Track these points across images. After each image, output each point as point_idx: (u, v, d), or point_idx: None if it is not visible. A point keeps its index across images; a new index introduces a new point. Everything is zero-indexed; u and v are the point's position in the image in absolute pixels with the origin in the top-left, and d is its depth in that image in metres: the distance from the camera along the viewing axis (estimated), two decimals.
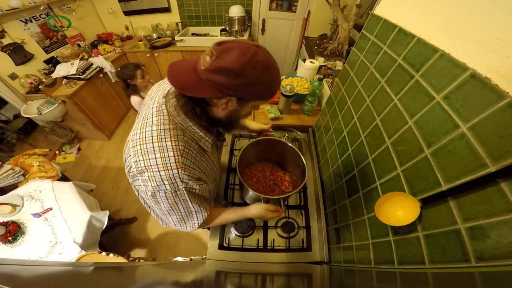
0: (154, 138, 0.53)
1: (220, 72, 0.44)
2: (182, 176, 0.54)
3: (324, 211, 1.00)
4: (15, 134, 2.51)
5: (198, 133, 0.60)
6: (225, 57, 0.43)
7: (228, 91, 0.47)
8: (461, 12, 0.44)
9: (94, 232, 1.37)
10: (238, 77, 0.44)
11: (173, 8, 2.90)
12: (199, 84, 0.46)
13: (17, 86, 2.27)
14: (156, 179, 0.53)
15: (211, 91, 0.47)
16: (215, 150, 0.76)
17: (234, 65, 0.42)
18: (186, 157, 0.56)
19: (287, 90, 1.28)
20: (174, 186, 0.55)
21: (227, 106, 0.52)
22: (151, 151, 0.53)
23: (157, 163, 0.52)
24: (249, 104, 0.54)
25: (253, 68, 0.44)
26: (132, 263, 1.22)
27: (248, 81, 0.45)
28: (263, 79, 0.46)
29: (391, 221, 0.52)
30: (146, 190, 0.56)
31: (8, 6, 2.06)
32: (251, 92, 0.49)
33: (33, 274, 0.57)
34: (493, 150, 0.35)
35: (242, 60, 0.42)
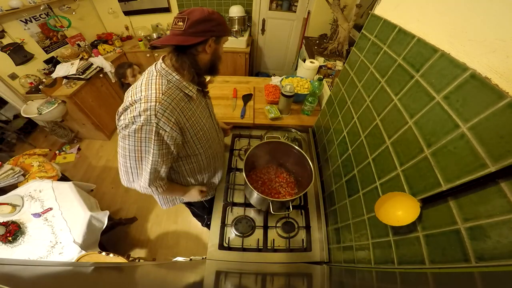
0: (143, 84, 0.65)
1: (198, 22, 0.61)
2: (158, 109, 0.61)
3: (324, 211, 1.00)
4: (15, 134, 2.51)
5: (182, 83, 0.69)
6: (194, 15, 0.60)
7: (209, 33, 0.63)
8: (461, 12, 0.44)
9: (94, 232, 1.37)
10: (212, 21, 0.62)
11: (173, 8, 2.90)
12: (187, 38, 0.62)
13: (17, 86, 2.27)
14: (136, 110, 0.61)
15: (198, 38, 0.62)
16: (207, 110, 0.84)
17: (204, 15, 0.61)
18: (167, 96, 0.64)
19: (287, 90, 1.28)
20: (147, 119, 0.61)
21: (210, 48, 0.66)
22: (138, 92, 0.64)
23: (140, 98, 0.62)
24: (222, 41, 0.70)
25: (213, 14, 0.63)
26: (132, 263, 1.22)
27: (217, 22, 0.64)
28: (222, 19, 0.66)
29: (391, 221, 0.52)
30: (123, 124, 0.63)
31: (8, 6, 2.06)
32: (222, 29, 0.66)
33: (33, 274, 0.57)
34: (493, 150, 0.35)
35: (205, 12, 0.62)
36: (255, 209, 1.02)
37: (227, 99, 1.53)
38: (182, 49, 0.65)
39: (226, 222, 0.99)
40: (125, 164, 0.69)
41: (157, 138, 0.64)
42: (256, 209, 1.02)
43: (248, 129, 1.38)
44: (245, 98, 1.51)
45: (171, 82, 0.67)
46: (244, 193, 1.07)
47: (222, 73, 3.13)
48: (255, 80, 1.79)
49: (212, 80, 1.75)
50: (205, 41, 0.64)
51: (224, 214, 1.00)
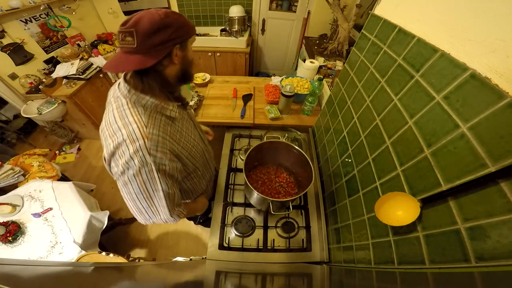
0: (117, 119, 0.56)
1: (151, 34, 0.49)
2: (149, 146, 0.54)
3: (324, 211, 1.00)
4: (15, 134, 2.51)
5: (160, 105, 0.60)
6: (142, 25, 0.48)
7: (170, 43, 0.52)
8: (461, 12, 0.44)
9: (94, 232, 1.37)
10: (168, 27, 0.51)
11: (173, 8, 2.90)
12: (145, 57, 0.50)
13: (17, 86, 2.27)
14: (125, 154, 0.53)
15: (161, 52, 0.52)
16: (190, 122, 0.76)
17: (156, 23, 0.49)
18: (152, 127, 0.56)
19: (287, 90, 1.28)
20: (142, 160, 0.54)
21: (176, 57, 0.56)
22: (116, 130, 0.55)
23: (123, 138, 0.53)
24: (188, 44, 0.59)
25: (167, 17, 0.51)
26: (132, 263, 1.22)
27: (176, 25, 0.52)
28: (180, 19, 0.54)
29: (391, 221, 0.52)
30: (117, 172, 0.56)
31: (8, 6, 2.06)
32: (184, 32, 0.55)
33: (33, 274, 0.57)
34: (493, 150, 0.35)
35: (156, 17, 0.49)
36: (255, 209, 1.02)
37: (227, 99, 1.53)
38: (143, 70, 0.54)
39: (226, 222, 0.99)
40: (136, 207, 0.63)
41: (160, 175, 0.58)
42: (256, 209, 1.02)
43: (248, 129, 1.38)
44: (245, 98, 1.51)
45: (148, 108, 0.58)
46: (244, 193, 1.07)
47: (222, 73, 3.14)
48: (255, 80, 1.79)
49: (212, 80, 1.75)
50: (168, 54, 0.54)
51: (224, 214, 1.00)
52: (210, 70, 2.90)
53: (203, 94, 1.56)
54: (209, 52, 2.71)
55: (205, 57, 2.77)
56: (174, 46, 0.54)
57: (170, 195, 0.63)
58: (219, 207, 1.03)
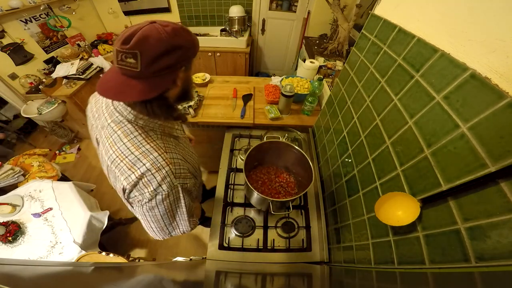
0: (132, 148, 0.52)
1: (158, 57, 0.42)
2: (174, 171, 0.55)
3: (324, 211, 1.00)
4: (15, 134, 2.51)
5: (167, 126, 0.59)
6: (149, 47, 0.41)
7: (177, 66, 0.47)
8: (461, 12, 0.44)
9: (94, 232, 1.37)
10: (179, 49, 0.45)
11: (173, 8, 2.90)
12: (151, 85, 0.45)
13: (17, 86, 2.27)
14: (152, 183, 0.52)
15: (167, 78, 0.46)
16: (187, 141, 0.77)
17: (165, 46, 0.42)
18: (170, 152, 0.56)
19: (287, 90, 1.28)
20: (170, 185, 0.54)
21: (180, 79, 0.51)
22: (136, 161, 0.51)
23: (148, 168, 0.51)
24: (191, 66, 0.54)
25: (176, 36, 0.44)
26: (132, 263, 1.22)
27: (186, 46, 0.46)
28: (190, 39, 0.47)
29: (391, 221, 0.52)
30: (142, 199, 0.54)
31: (8, 6, 2.06)
32: (190, 54, 0.49)
33: (33, 274, 0.57)
34: (493, 150, 0.35)
35: (164, 38, 0.42)
36: (255, 209, 1.02)
37: (227, 99, 1.53)
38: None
39: (226, 222, 0.99)
40: (158, 226, 0.64)
41: (185, 193, 0.61)
42: (256, 209, 1.02)
43: (248, 129, 1.38)
44: (245, 98, 1.51)
45: (157, 132, 0.56)
46: (244, 193, 1.07)
47: (222, 73, 3.13)
48: (255, 80, 1.79)
49: (212, 80, 1.75)
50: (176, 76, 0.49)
51: (224, 214, 1.00)
52: (210, 70, 2.90)
53: (203, 94, 1.56)
54: (209, 52, 2.70)
55: (205, 57, 2.77)
56: (181, 68, 0.48)
57: (190, 208, 0.66)
58: (219, 207, 1.03)
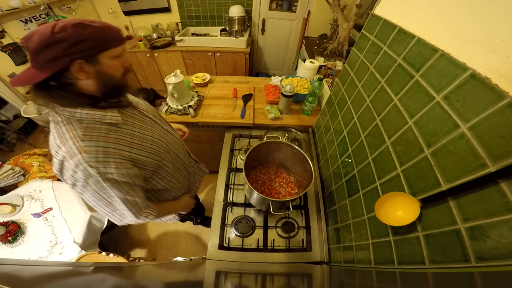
0: (56, 138, 0.56)
1: (40, 50, 0.46)
2: (87, 159, 0.54)
3: (324, 211, 1.00)
4: (15, 134, 2.51)
5: (96, 114, 0.57)
6: (32, 41, 0.46)
7: (64, 59, 0.48)
8: (461, 12, 0.44)
9: (94, 232, 1.37)
10: (58, 43, 0.46)
11: (173, 8, 2.90)
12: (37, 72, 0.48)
13: None
14: (69, 170, 0.55)
15: (51, 68, 0.48)
16: (146, 120, 0.72)
17: (46, 38, 0.46)
18: (88, 140, 0.55)
19: (287, 90, 1.28)
20: (86, 173, 0.55)
21: (85, 72, 0.52)
22: (58, 149, 0.56)
23: (64, 155, 0.55)
24: (104, 58, 0.54)
25: (62, 31, 0.47)
26: (132, 263, 1.22)
27: (70, 41, 0.47)
28: (83, 33, 0.49)
29: (391, 221, 0.52)
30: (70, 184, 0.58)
31: (8, 6, 2.06)
32: (85, 47, 0.50)
33: (33, 274, 0.57)
34: (493, 150, 0.35)
35: (47, 32, 0.46)
36: (255, 209, 1.02)
37: (227, 99, 1.53)
38: (45, 86, 0.51)
39: (226, 222, 0.99)
40: (102, 211, 0.66)
41: (110, 183, 0.58)
42: (256, 209, 1.02)
43: (248, 129, 1.38)
44: (245, 98, 1.51)
45: (83, 121, 0.56)
46: (244, 193, 1.07)
47: (222, 73, 3.13)
48: (255, 80, 1.79)
49: (212, 80, 1.75)
50: (64, 70, 0.49)
51: (224, 214, 1.00)
52: (210, 70, 2.90)
53: (203, 94, 1.56)
54: (209, 52, 2.70)
55: (205, 57, 2.77)
56: (72, 61, 0.49)
57: (129, 200, 0.64)
58: (219, 207, 1.03)
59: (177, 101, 1.38)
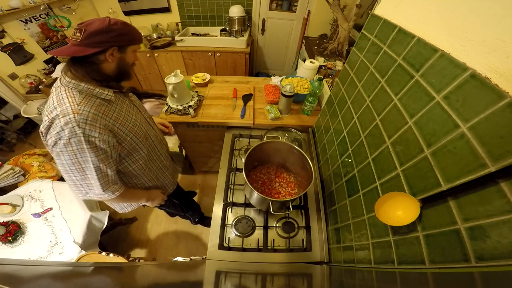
0: (54, 101, 0.64)
1: (94, 34, 0.61)
2: (78, 120, 0.62)
3: (324, 211, 1.00)
4: (15, 134, 2.51)
5: (95, 90, 0.68)
6: (92, 26, 0.61)
7: (107, 44, 0.64)
8: (461, 12, 0.44)
9: (94, 232, 1.37)
10: (110, 32, 0.63)
11: (173, 8, 2.90)
12: (83, 48, 0.62)
13: (17, 86, 2.27)
14: (58, 126, 0.61)
15: (95, 49, 0.63)
16: (133, 107, 0.84)
17: (103, 27, 0.62)
18: (84, 106, 0.64)
19: (287, 90, 1.28)
20: (71, 131, 0.61)
21: (113, 57, 0.67)
22: (53, 109, 0.63)
23: (57, 113, 0.62)
24: (128, 50, 0.71)
25: (115, 25, 0.64)
26: (132, 263, 1.22)
27: (117, 32, 0.65)
28: (126, 29, 0.68)
29: (391, 221, 0.52)
30: (51, 144, 0.63)
31: (8, 6, 2.06)
32: (124, 39, 0.68)
33: (33, 274, 0.57)
34: (493, 150, 0.35)
35: (105, 23, 0.63)
36: (255, 209, 1.02)
37: (227, 99, 1.53)
38: (79, 60, 0.65)
39: (226, 222, 0.99)
40: (71, 179, 0.70)
41: (90, 146, 0.65)
42: (256, 209, 1.02)
43: (248, 129, 1.38)
44: (245, 98, 1.51)
45: (83, 92, 0.66)
46: (244, 193, 1.07)
47: (222, 73, 3.14)
48: (255, 80, 1.79)
49: (212, 80, 1.75)
50: (103, 51, 0.64)
51: (224, 214, 1.00)
52: (210, 70, 2.90)
53: (203, 94, 1.56)
54: (209, 52, 2.71)
55: (205, 57, 2.77)
56: (111, 47, 0.65)
57: (101, 169, 0.70)
58: (219, 207, 1.03)
59: (177, 101, 1.38)
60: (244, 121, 1.36)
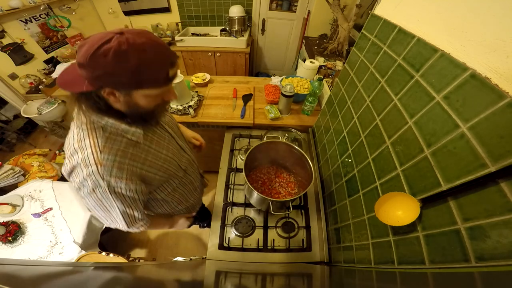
0: (75, 139, 0.54)
1: (79, 66, 0.45)
2: (102, 172, 0.53)
3: (324, 211, 1.00)
4: (15, 134, 2.51)
5: (120, 127, 0.56)
6: (80, 52, 0.44)
7: (95, 83, 0.46)
8: (461, 12, 0.44)
9: (94, 232, 1.37)
10: (90, 68, 0.43)
11: (173, 8, 2.90)
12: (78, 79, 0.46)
13: (17, 86, 2.27)
14: (79, 176, 0.54)
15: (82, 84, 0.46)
16: (164, 136, 0.71)
17: (82, 59, 0.43)
18: (107, 153, 0.54)
19: (287, 90, 1.28)
20: (95, 183, 0.54)
21: (116, 99, 0.50)
22: (74, 153, 0.54)
23: (79, 162, 0.53)
24: (139, 95, 0.50)
25: (104, 57, 0.42)
26: (132, 263, 1.22)
27: (103, 71, 0.43)
28: (121, 66, 0.43)
29: (391, 221, 0.52)
30: (75, 188, 0.57)
31: (8, 6, 2.06)
32: (118, 82, 0.46)
33: (33, 274, 0.57)
34: (493, 150, 0.35)
35: (88, 52, 0.42)
36: (255, 209, 1.02)
37: (227, 99, 1.53)
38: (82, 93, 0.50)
39: (226, 222, 0.99)
40: (97, 214, 0.64)
41: (116, 196, 0.58)
42: (256, 209, 1.02)
43: (248, 129, 1.38)
44: (245, 98, 1.51)
45: (107, 130, 0.55)
46: (244, 193, 1.07)
47: (222, 73, 3.13)
48: (255, 80, 1.79)
49: (212, 80, 1.75)
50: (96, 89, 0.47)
51: (224, 214, 1.00)
52: (210, 70, 2.90)
53: (203, 94, 1.56)
54: (209, 52, 2.71)
55: (205, 57, 2.77)
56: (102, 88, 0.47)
57: (127, 213, 0.64)
58: (219, 207, 1.03)
59: (177, 101, 1.38)
60: (244, 121, 1.36)
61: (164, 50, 0.49)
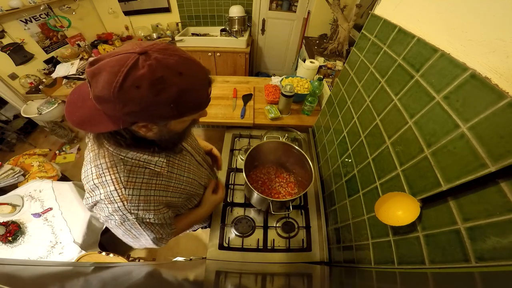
0: (94, 175, 0.50)
1: (100, 101, 0.35)
2: (129, 208, 0.51)
3: (324, 211, 1.00)
4: (15, 134, 2.51)
5: (142, 157, 0.52)
6: (97, 83, 0.34)
7: (127, 120, 0.38)
8: (461, 12, 0.44)
9: (94, 232, 1.37)
10: (120, 104, 0.34)
11: (173, 8, 2.90)
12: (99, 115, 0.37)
13: (17, 86, 2.27)
14: (105, 211, 0.51)
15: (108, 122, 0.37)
16: (185, 159, 0.68)
17: (105, 92, 0.33)
18: (132, 188, 0.51)
19: (287, 90, 1.28)
20: (123, 217, 0.52)
21: (148, 129, 0.43)
22: (94, 188, 0.50)
23: (102, 198, 0.50)
24: (177, 122, 0.46)
25: (137, 89, 0.33)
26: (132, 263, 1.22)
27: (138, 106, 0.35)
28: (162, 96, 0.35)
29: (391, 221, 0.52)
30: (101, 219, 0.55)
31: (8, 6, 2.06)
32: (156, 115, 0.38)
33: (33, 274, 0.57)
34: (493, 150, 0.35)
35: (112, 84, 0.32)
36: (255, 209, 1.02)
37: (227, 99, 1.53)
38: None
39: (226, 222, 0.99)
40: (125, 240, 0.63)
41: (144, 226, 0.56)
42: (256, 209, 1.02)
43: (248, 129, 1.38)
44: (245, 98, 1.51)
45: (128, 162, 0.51)
46: (244, 193, 1.07)
47: (222, 73, 3.13)
48: (255, 80, 1.79)
49: (212, 80, 1.75)
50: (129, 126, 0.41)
51: (224, 214, 1.00)
52: (210, 70, 2.83)
53: None
54: (209, 52, 2.71)
55: (205, 57, 2.77)
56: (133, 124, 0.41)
57: (156, 237, 0.62)
58: (219, 207, 1.03)
59: None
60: (244, 121, 1.36)
61: (199, 68, 0.41)
